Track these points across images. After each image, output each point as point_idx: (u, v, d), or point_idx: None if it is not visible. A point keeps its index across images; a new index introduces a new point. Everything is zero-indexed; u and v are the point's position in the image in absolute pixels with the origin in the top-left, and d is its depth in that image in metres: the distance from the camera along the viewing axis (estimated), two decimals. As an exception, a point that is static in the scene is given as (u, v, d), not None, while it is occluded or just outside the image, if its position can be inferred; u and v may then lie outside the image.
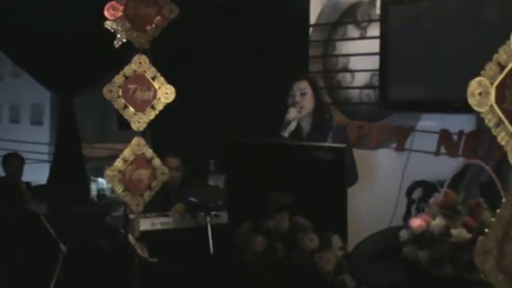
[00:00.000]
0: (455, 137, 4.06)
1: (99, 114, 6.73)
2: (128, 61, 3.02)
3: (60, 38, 4.97)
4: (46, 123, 6.47)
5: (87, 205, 5.02)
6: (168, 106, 3.02)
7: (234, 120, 4.86)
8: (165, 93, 3.00)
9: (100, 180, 6.12)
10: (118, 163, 3.00)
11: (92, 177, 6.04)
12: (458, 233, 2.25)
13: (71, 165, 5.33)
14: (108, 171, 3.00)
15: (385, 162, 4.40)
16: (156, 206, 3.89)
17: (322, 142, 3.26)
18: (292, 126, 3.32)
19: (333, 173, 2.38)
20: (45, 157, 6.22)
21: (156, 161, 3.02)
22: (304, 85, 3.43)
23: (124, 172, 3.00)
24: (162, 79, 3.00)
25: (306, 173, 2.42)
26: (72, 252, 3.65)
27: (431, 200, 2.45)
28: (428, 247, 2.28)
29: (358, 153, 3.82)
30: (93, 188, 6.06)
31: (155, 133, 4.88)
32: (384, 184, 4.32)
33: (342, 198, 2.38)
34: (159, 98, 3.00)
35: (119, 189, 3.01)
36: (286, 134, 3.30)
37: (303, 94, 3.41)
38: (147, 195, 3.02)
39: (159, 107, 3.00)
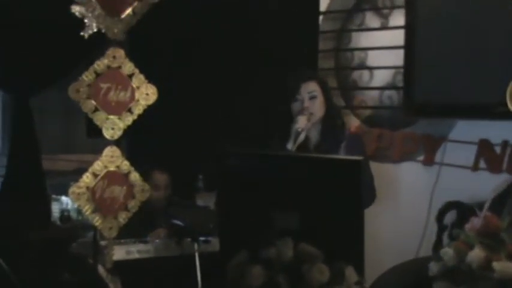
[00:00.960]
0: (497, 149, 4.09)
1: (64, 119, 6.71)
2: (99, 55, 3.05)
3: (14, 24, 4.99)
4: (-4, 129, 6.47)
5: (48, 229, 5.02)
6: (148, 109, 3.04)
7: (227, 128, 4.89)
8: (145, 94, 3.02)
9: (64, 199, 6.11)
10: (86, 178, 3.02)
11: (54, 196, 6.03)
12: (502, 266, 2.26)
13: (28, 180, 5.33)
14: (74, 188, 3.01)
15: (411, 179, 4.43)
16: (133, 230, 3.91)
17: (334, 153, 3.29)
18: (302, 138, 3.34)
19: (348, 191, 2.40)
20: (-4, 171, 6.22)
21: (134, 176, 3.03)
22: (313, 87, 3.46)
23: (94, 189, 3.01)
24: (141, 77, 3.02)
25: (314, 191, 2.44)
26: (29, 287, 3.66)
27: (467, 226, 2.48)
28: (465, 283, 2.31)
29: (377, 168, 3.85)
30: (56, 208, 6.06)
31: (132, 142, 4.90)
32: (409, 205, 4.34)
33: (358, 222, 2.40)
34: (138, 100, 3.01)
35: (87, 209, 3.02)
36: (293, 147, 3.32)
37: (312, 98, 3.44)
38: (123, 217, 3.03)
39: (138, 110, 3.02)
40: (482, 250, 2.31)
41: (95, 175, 3.01)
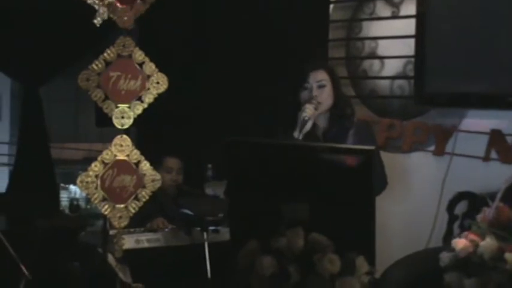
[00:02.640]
0: (509, 139, 4.07)
1: (73, 108, 6.74)
2: (109, 43, 3.04)
3: (24, 12, 4.99)
4: (5, 118, 6.47)
5: (57, 219, 5.04)
6: (157, 98, 3.04)
7: (236, 116, 4.88)
8: (156, 82, 3.01)
9: (72, 187, 6.15)
10: (95, 167, 3.02)
11: (63, 184, 6.07)
12: (515, 257, 2.26)
13: (37, 169, 5.35)
14: (83, 177, 3.01)
15: (421, 169, 4.42)
16: (143, 219, 3.92)
17: (342, 142, 3.29)
18: (308, 126, 3.33)
19: (359, 181, 2.40)
20: (5, 159, 6.24)
21: (144, 165, 3.03)
22: (322, 75, 3.45)
23: (103, 178, 3.01)
24: (152, 65, 3.02)
25: (324, 181, 2.43)
26: (38, 277, 3.68)
27: (479, 216, 2.47)
28: (476, 274, 2.30)
29: (388, 158, 3.84)
30: (64, 197, 6.10)
31: (141, 131, 4.90)
32: (419, 196, 4.34)
33: (369, 212, 2.39)
34: (149, 89, 3.01)
35: (95, 198, 3.03)
36: (299, 136, 3.32)
37: (321, 87, 3.42)
38: (133, 206, 3.03)
39: (148, 99, 3.02)
40: (495, 241, 2.31)
41: (104, 164, 3.01)
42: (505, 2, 3.91)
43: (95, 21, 2.96)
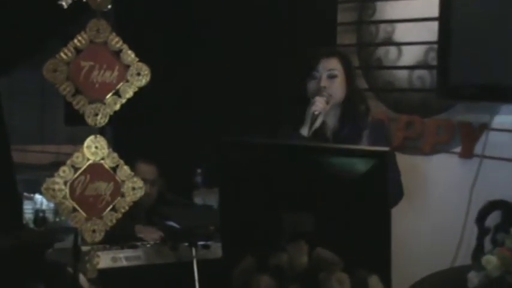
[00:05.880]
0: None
1: (37, 104, 6.75)
2: (80, 28, 3.05)
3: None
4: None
5: (19, 234, 5.05)
6: (138, 93, 3.05)
7: (231, 113, 4.91)
8: (136, 74, 3.02)
9: (38, 197, 6.15)
10: (63, 172, 3.02)
11: (26, 194, 6.07)
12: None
13: (-5, 176, 5.37)
14: (49, 184, 3.02)
15: (446, 174, 4.45)
16: (121, 233, 3.93)
17: (354, 142, 3.31)
18: (319, 122, 3.36)
19: (372, 188, 2.42)
20: (-43, 165, 6.25)
21: (124, 171, 3.03)
22: (333, 64, 3.46)
23: (73, 185, 3.02)
24: (131, 54, 3.03)
25: (332, 188, 2.46)
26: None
27: (514, 229, 2.50)
28: (509, 295, 2.33)
29: (406, 161, 3.87)
30: (28, 208, 6.10)
31: (119, 131, 4.92)
32: (443, 205, 4.36)
33: (383, 224, 2.42)
34: (127, 81, 3.02)
35: (64, 209, 3.04)
36: (309, 133, 3.34)
37: (332, 77, 3.44)
38: (109, 218, 3.04)
39: (127, 93, 3.02)
40: (532, 257, 2.34)
41: (74, 168, 3.02)
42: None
43: (63, 2, 2.97)
